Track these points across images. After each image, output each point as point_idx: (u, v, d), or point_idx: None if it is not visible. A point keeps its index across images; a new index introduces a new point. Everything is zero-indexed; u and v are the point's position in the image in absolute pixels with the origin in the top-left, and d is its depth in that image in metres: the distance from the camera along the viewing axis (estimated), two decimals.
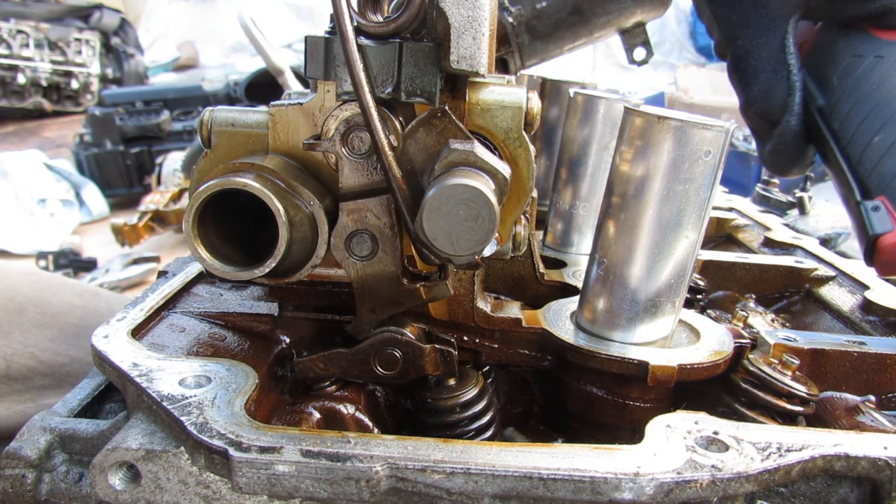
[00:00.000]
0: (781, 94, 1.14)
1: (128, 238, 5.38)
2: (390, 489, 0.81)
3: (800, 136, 1.16)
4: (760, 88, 1.15)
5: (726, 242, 1.97)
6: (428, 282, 0.98)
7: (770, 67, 1.14)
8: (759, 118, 1.17)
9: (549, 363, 1.14)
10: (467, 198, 0.80)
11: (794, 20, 1.14)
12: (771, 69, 1.14)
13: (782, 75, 1.14)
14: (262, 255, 0.91)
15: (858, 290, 1.47)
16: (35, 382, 1.67)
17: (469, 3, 0.86)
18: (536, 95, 0.98)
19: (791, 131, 1.15)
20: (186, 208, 0.88)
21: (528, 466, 0.79)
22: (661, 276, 1.03)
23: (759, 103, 1.15)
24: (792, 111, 1.14)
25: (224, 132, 0.99)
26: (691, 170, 0.97)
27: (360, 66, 0.86)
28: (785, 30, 1.13)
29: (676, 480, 0.78)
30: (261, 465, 0.79)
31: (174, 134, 7.18)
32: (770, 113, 1.15)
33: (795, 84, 1.13)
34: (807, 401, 1.00)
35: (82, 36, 9.62)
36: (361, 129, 0.92)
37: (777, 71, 1.14)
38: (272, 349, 1.12)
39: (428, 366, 1.04)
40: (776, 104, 1.14)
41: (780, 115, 1.14)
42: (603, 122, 1.48)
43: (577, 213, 1.55)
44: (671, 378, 0.99)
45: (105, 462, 0.83)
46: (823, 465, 0.84)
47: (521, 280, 1.32)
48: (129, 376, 0.94)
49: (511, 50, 1.58)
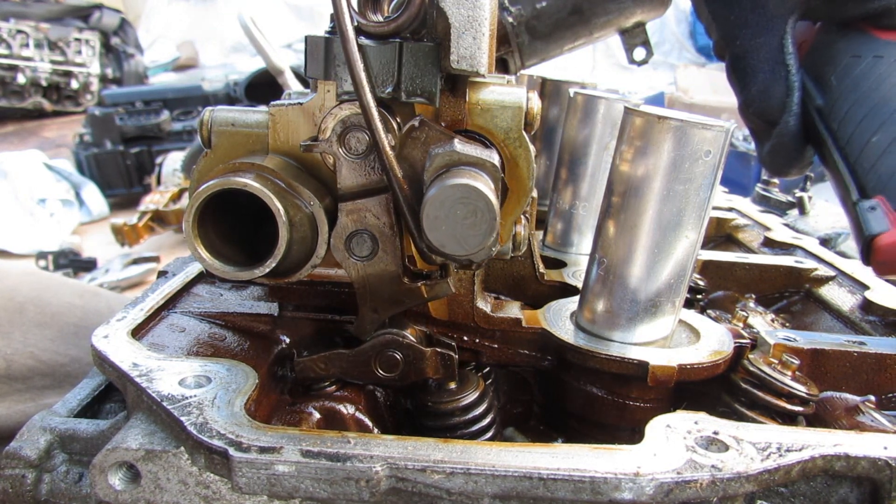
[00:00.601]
0: (780, 94, 1.14)
1: (128, 238, 5.38)
2: (390, 489, 0.81)
3: (798, 136, 1.15)
4: (759, 88, 1.15)
5: (726, 242, 1.97)
6: (429, 280, 0.98)
7: (768, 67, 1.14)
8: (758, 118, 1.17)
9: (549, 363, 1.14)
10: (459, 197, 0.80)
11: (793, 20, 1.13)
12: (769, 69, 1.14)
13: (781, 75, 1.13)
14: (262, 255, 0.91)
15: (858, 290, 1.47)
16: (35, 382, 1.67)
17: (469, 3, 0.86)
18: (536, 95, 0.98)
19: (789, 131, 1.15)
20: (186, 208, 0.88)
21: (528, 466, 0.79)
22: (661, 276, 1.03)
23: (757, 103, 1.15)
24: (790, 111, 1.14)
25: (224, 132, 0.99)
26: (691, 170, 0.97)
27: (360, 65, 0.86)
28: (783, 30, 1.13)
29: (676, 480, 0.78)
30: (261, 465, 0.79)
31: (174, 134, 7.18)
32: (768, 113, 1.15)
33: (794, 84, 1.13)
34: (807, 401, 1.00)
35: (82, 36, 9.62)
36: (358, 129, 0.92)
37: (775, 71, 1.14)
38: (272, 349, 1.12)
39: (428, 369, 1.04)
40: (774, 104, 1.14)
41: (779, 115, 1.14)
42: (603, 122, 1.48)
43: (577, 213, 1.55)
44: (671, 378, 0.99)
45: (105, 462, 0.83)
46: (823, 465, 0.84)
47: (521, 280, 1.32)
48: (129, 376, 0.94)
49: (511, 50, 1.58)
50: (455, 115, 0.95)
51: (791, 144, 1.16)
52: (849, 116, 1.11)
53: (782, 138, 1.15)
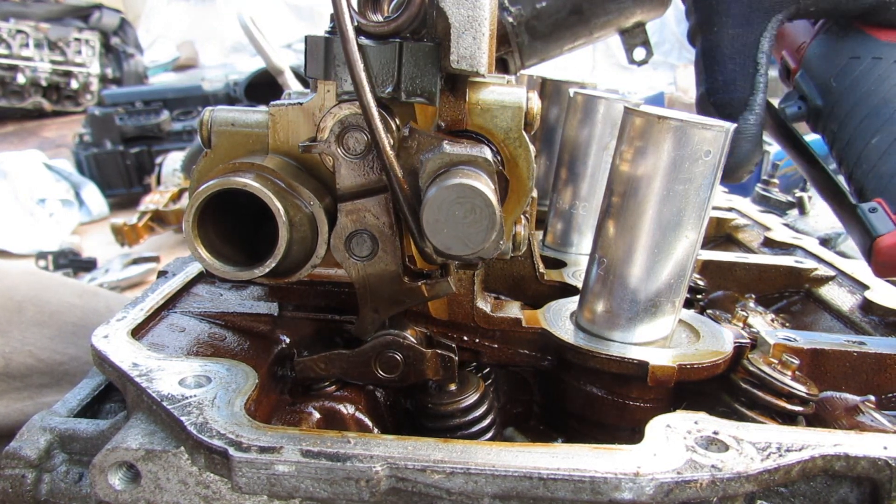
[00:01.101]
0: (745, 89, 1.11)
1: (127, 238, 5.38)
2: (390, 489, 0.81)
3: (755, 138, 1.13)
4: (725, 79, 1.12)
5: (726, 242, 1.97)
6: (429, 279, 0.98)
7: (739, 60, 1.11)
8: (717, 110, 1.14)
9: (549, 363, 1.14)
10: (455, 197, 0.80)
11: (777, 19, 1.12)
12: (740, 62, 1.11)
13: (749, 72, 1.11)
14: (262, 255, 0.91)
15: (858, 290, 1.47)
16: (33, 380, 1.67)
17: (469, 2, 0.86)
18: (536, 95, 0.98)
19: (748, 130, 1.12)
20: (186, 208, 0.88)
21: (528, 466, 0.79)
22: (660, 276, 1.03)
23: (720, 94, 1.13)
24: (752, 110, 1.11)
25: (224, 132, 0.99)
26: (691, 170, 0.97)
27: (360, 65, 0.86)
28: (763, 27, 1.11)
29: (676, 480, 0.78)
30: (261, 465, 0.79)
31: (174, 134, 7.18)
32: (729, 106, 1.12)
33: (759, 85, 1.11)
34: (807, 401, 1.00)
35: (82, 36, 9.62)
36: (356, 129, 0.92)
37: (745, 66, 1.11)
38: (272, 349, 1.12)
39: (429, 370, 1.04)
40: (737, 98, 1.11)
41: (740, 110, 1.12)
42: (603, 122, 1.48)
43: (577, 213, 1.55)
44: (671, 378, 1.00)
45: (105, 462, 0.83)
46: (823, 465, 0.84)
47: (521, 280, 1.32)
48: (129, 376, 0.94)
49: (511, 50, 1.58)
50: (455, 115, 0.95)
51: (746, 145, 1.13)
52: (849, 118, 1.11)
53: (738, 136, 1.12)
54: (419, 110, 0.95)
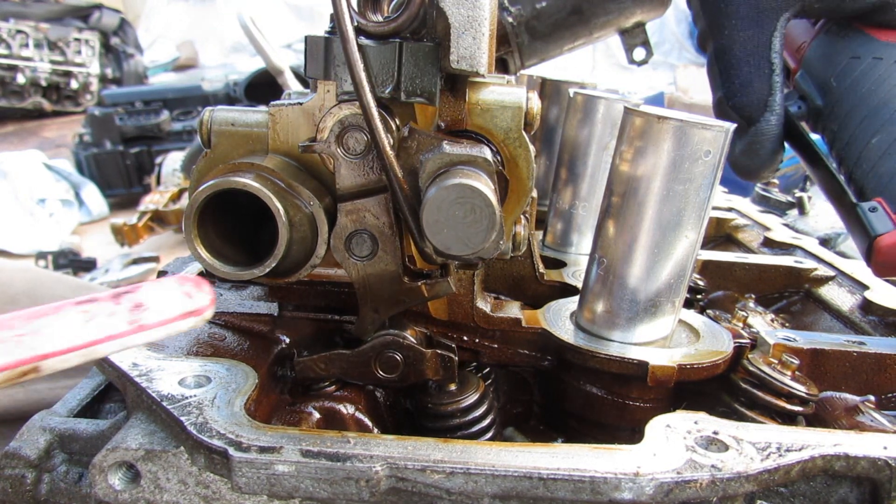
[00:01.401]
0: (762, 90, 1.11)
1: (127, 238, 5.38)
2: (390, 489, 0.81)
3: (777, 138, 1.12)
4: (742, 82, 1.11)
5: (726, 242, 1.97)
6: (429, 279, 0.98)
7: (753, 62, 1.11)
8: (736, 113, 1.13)
9: (549, 363, 1.14)
10: (455, 198, 0.80)
11: (785, 18, 1.11)
12: (754, 63, 1.11)
13: (764, 72, 1.11)
14: (262, 255, 0.91)
15: (858, 290, 1.47)
16: None
17: (469, 2, 0.86)
18: (536, 95, 0.98)
19: (769, 131, 1.11)
20: (186, 208, 0.88)
21: (528, 466, 0.79)
22: (660, 276, 1.03)
23: (738, 97, 1.12)
24: (772, 110, 1.11)
25: (224, 132, 0.99)
26: (691, 170, 0.97)
27: (360, 65, 0.86)
28: (773, 26, 1.10)
29: (676, 480, 0.78)
30: (261, 464, 0.79)
31: (174, 134, 7.18)
32: (749, 108, 1.12)
33: (776, 84, 1.11)
34: (806, 401, 1.00)
35: (82, 36, 9.63)
36: (356, 129, 0.92)
37: (760, 66, 1.11)
38: (272, 349, 1.12)
39: (428, 370, 1.04)
40: (756, 100, 1.11)
41: (760, 112, 1.11)
42: (603, 122, 1.48)
43: (577, 213, 1.55)
44: (671, 378, 1.00)
45: (105, 462, 0.83)
46: (823, 465, 0.84)
47: (521, 280, 1.32)
48: (128, 376, 0.94)
49: (511, 50, 1.58)
50: (455, 115, 0.95)
51: (768, 146, 1.12)
52: (849, 118, 1.11)
53: (760, 137, 1.12)
54: (419, 110, 0.95)
